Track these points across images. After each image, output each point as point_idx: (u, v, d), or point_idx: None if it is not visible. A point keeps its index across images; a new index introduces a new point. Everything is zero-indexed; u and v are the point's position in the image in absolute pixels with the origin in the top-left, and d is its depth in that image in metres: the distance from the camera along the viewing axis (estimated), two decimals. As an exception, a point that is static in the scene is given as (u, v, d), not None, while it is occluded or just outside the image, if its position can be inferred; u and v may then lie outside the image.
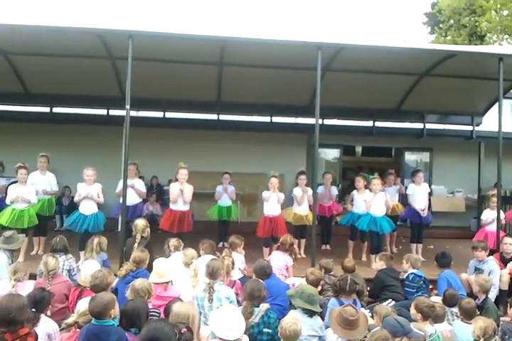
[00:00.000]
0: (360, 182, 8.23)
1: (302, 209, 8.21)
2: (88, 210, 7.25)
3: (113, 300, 3.80)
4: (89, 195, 7.19)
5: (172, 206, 7.53)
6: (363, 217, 7.85)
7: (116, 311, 3.78)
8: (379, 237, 7.84)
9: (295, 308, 4.62)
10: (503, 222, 7.86)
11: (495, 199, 7.64)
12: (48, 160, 7.91)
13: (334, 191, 9.26)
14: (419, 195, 8.39)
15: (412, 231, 8.49)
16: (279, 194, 7.80)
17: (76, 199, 7.35)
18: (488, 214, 7.69)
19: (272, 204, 7.79)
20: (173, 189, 7.39)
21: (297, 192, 8.29)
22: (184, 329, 3.43)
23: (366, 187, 8.09)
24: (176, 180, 7.48)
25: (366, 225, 7.69)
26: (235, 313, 3.93)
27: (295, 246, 6.62)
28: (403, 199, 9.18)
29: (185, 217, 7.47)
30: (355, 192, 8.35)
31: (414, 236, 8.42)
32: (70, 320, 3.93)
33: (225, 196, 9.19)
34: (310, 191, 8.11)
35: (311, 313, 4.47)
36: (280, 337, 3.98)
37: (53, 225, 9.92)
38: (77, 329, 3.84)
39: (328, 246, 9.13)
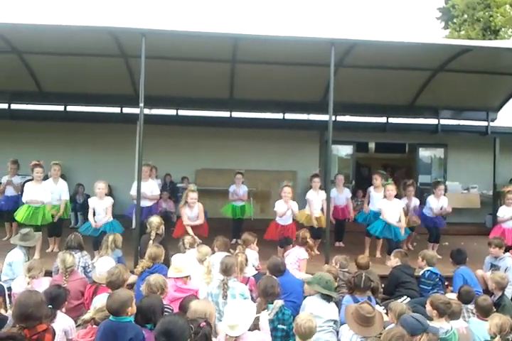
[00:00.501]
0: (377, 179, 8.17)
1: (315, 211, 8.14)
2: (102, 221, 7.26)
3: (131, 297, 3.81)
4: (98, 225, 7.17)
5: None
6: (377, 222, 7.71)
7: (133, 309, 3.79)
8: (392, 242, 7.73)
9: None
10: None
11: (510, 195, 7.57)
12: (61, 167, 7.93)
13: (347, 193, 9.03)
14: (435, 207, 8.30)
15: (429, 232, 8.41)
16: (293, 205, 7.62)
17: (90, 217, 7.31)
18: (505, 211, 7.61)
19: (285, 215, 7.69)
20: (183, 213, 7.38)
21: (310, 195, 8.16)
22: (203, 323, 3.46)
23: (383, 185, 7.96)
24: (186, 202, 7.37)
25: (380, 232, 7.56)
26: (241, 309, 3.89)
27: (309, 240, 6.58)
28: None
29: (198, 226, 7.43)
30: (371, 188, 8.28)
31: (432, 237, 8.35)
32: (87, 316, 3.96)
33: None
34: (323, 195, 7.93)
35: (328, 299, 4.63)
36: (295, 334, 3.98)
37: (68, 223, 10.00)
38: (94, 326, 3.88)
39: (341, 243, 9.09)
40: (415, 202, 8.53)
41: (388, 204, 7.58)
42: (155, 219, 6.43)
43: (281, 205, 7.58)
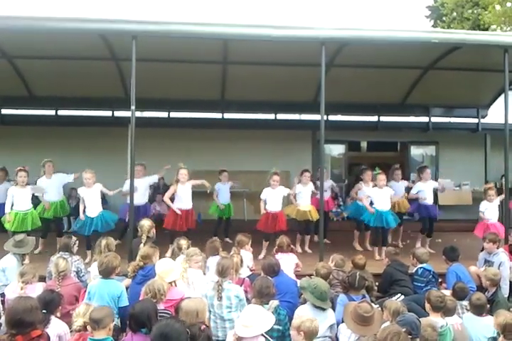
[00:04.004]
0: (368, 175, 8.32)
1: (305, 205, 8.19)
2: (94, 212, 7.30)
3: (108, 315, 3.76)
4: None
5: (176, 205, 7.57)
6: (367, 212, 7.83)
7: (109, 331, 3.72)
8: (383, 230, 7.87)
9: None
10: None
11: (491, 192, 7.65)
12: (53, 164, 7.95)
13: (329, 183, 9.23)
14: (426, 192, 8.39)
15: (423, 224, 8.47)
16: (283, 190, 7.91)
17: (81, 207, 7.37)
18: (486, 206, 7.68)
19: (272, 200, 7.83)
20: (170, 191, 7.60)
21: (300, 188, 8.26)
22: (203, 326, 3.45)
23: (372, 180, 8.20)
24: (177, 180, 7.59)
25: (373, 221, 7.68)
26: (261, 315, 3.89)
27: (292, 246, 6.70)
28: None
29: (188, 214, 7.51)
30: (362, 183, 8.35)
31: (425, 229, 8.40)
32: (80, 322, 3.90)
33: (224, 194, 9.18)
34: (311, 186, 8.28)
35: (321, 308, 4.53)
36: (300, 331, 3.84)
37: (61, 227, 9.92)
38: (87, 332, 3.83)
39: (326, 240, 9.02)
40: (403, 184, 8.89)
41: (378, 192, 7.83)
42: (146, 223, 6.40)
43: (268, 192, 7.85)
